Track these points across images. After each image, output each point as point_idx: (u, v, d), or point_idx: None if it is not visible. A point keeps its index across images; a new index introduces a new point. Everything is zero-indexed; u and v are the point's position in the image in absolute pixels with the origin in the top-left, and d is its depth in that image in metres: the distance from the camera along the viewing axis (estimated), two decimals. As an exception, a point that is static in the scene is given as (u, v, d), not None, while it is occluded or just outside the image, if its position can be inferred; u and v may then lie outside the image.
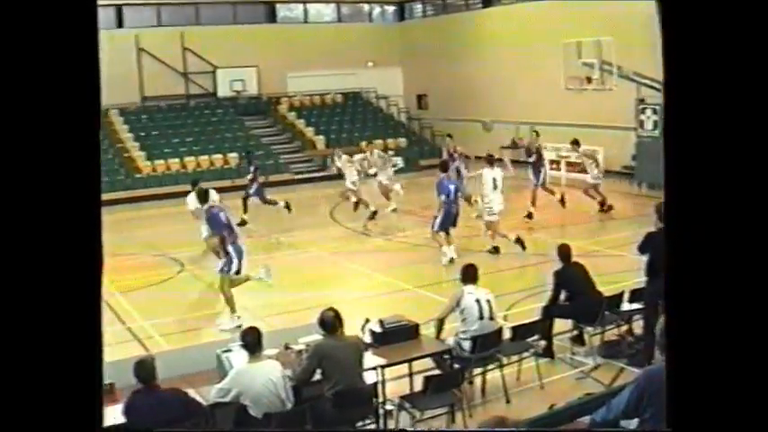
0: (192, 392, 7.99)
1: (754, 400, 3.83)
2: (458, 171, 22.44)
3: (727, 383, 3.85)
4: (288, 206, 24.10)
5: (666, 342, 4.10)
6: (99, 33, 3.88)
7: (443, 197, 17.53)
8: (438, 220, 17.62)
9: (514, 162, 24.03)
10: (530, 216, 21.97)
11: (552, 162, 27.38)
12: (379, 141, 35.57)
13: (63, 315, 3.81)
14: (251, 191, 23.67)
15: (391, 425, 9.03)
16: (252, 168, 24.01)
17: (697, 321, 3.90)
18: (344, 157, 24.53)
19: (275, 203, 24.09)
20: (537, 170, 22.54)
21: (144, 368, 7.68)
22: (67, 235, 3.81)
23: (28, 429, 3.79)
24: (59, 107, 3.77)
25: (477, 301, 10.32)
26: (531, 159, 22.68)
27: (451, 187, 17.74)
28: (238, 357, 8.58)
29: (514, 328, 10.88)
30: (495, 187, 18.23)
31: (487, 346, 10.26)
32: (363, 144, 26.81)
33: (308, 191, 31.02)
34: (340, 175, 24.95)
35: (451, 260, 17.13)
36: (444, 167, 18.85)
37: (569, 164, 27.31)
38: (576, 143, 23.31)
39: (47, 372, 3.80)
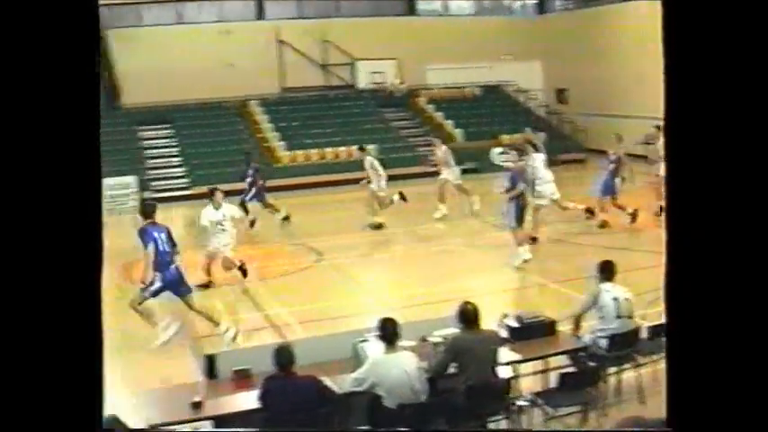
0: (326, 380, 8.05)
1: (754, 399, 3.79)
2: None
3: (727, 383, 3.82)
4: (287, 217, 23.35)
5: (667, 342, 4.08)
6: (99, 34, 3.90)
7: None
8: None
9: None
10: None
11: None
12: (518, 135, 35.26)
13: (63, 315, 3.84)
14: (248, 196, 23.02)
15: (524, 421, 8.94)
16: (251, 171, 23.32)
17: (697, 322, 3.86)
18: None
19: (277, 210, 23.49)
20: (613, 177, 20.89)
21: (283, 355, 7.79)
22: (68, 235, 3.83)
23: (28, 429, 3.85)
24: (60, 107, 3.80)
25: (615, 299, 10.12)
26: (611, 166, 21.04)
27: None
28: (374, 348, 8.62)
29: (652, 328, 10.63)
30: None
31: (624, 345, 10.07)
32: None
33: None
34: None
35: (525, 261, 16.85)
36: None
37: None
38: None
39: (47, 372, 3.83)
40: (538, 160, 18.98)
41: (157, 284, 12.68)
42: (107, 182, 29.77)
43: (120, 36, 35.55)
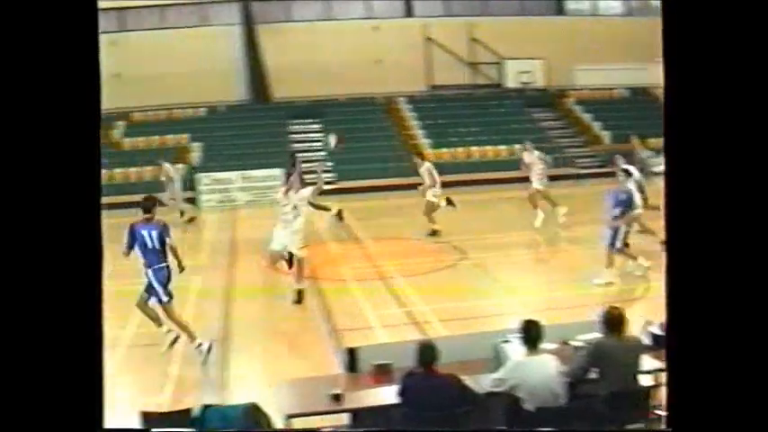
0: (467, 380, 8.08)
1: (754, 400, 3.78)
2: None
3: (728, 383, 3.81)
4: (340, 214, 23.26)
5: (667, 342, 4.07)
6: (98, 35, 3.92)
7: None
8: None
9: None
10: None
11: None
12: (660, 140, 34.56)
13: (63, 315, 3.89)
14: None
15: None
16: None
17: (697, 322, 3.85)
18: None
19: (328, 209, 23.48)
20: None
21: (426, 352, 7.83)
22: (68, 235, 3.87)
23: (29, 429, 3.91)
24: (60, 107, 3.84)
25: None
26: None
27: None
28: (516, 349, 8.60)
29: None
30: None
31: None
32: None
33: (592, 186, 30.60)
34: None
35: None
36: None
37: None
38: None
39: (48, 372, 3.89)
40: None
41: (147, 280, 12.32)
42: (255, 174, 30.46)
43: (269, 31, 36.26)
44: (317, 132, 35.50)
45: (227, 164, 32.33)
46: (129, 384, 11.03)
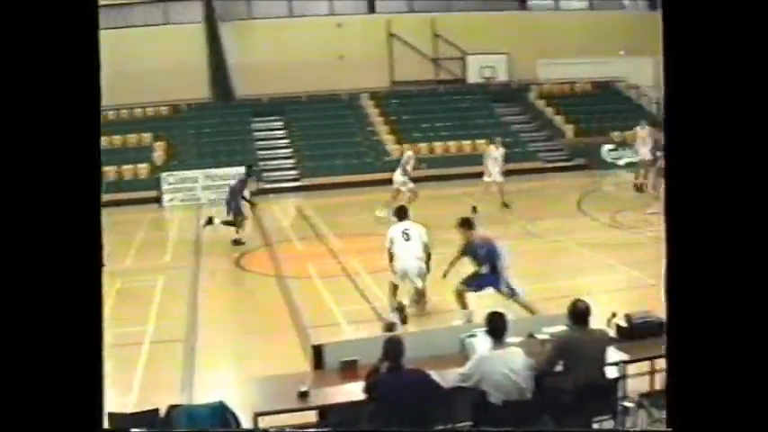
0: (433, 375, 8.09)
1: (754, 400, 3.77)
2: None
3: (728, 383, 3.80)
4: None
5: (667, 343, 4.05)
6: (99, 34, 3.90)
7: None
8: None
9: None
10: None
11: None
12: (630, 133, 34.90)
13: (64, 315, 3.88)
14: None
15: (629, 422, 8.85)
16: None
17: (697, 322, 3.84)
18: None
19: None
20: None
21: (393, 347, 7.84)
22: (68, 235, 3.85)
23: (29, 429, 3.90)
24: (60, 108, 3.82)
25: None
26: None
27: None
28: (482, 343, 8.62)
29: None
30: None
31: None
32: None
33: (557, 180, 30.78)
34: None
35: None
36: None
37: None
38: None
39: (47, 372, 3.86)
40: None
41: None
42: (218, 172, 30.34)
43: (232, 29, 36.14)
44: (280, 130, 35.43)
45: (191, 162, 32.20)
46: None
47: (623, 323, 9.83)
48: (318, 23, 37.38)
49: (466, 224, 13.20)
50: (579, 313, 8.49)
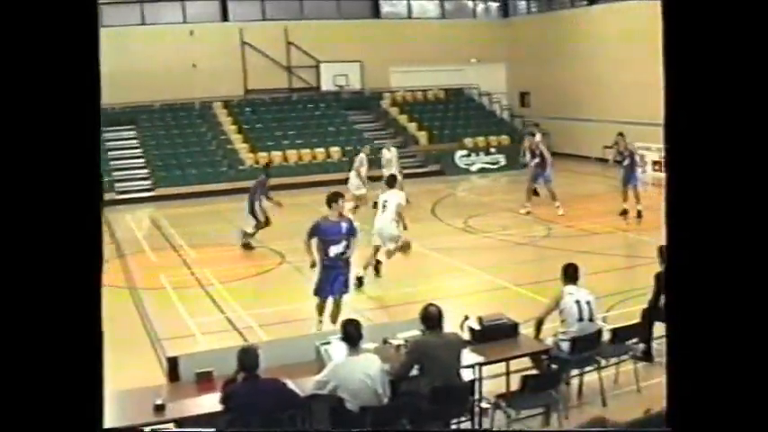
0: (290, 383, 8.05)
1: (754, 400, 3.82)
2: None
3: (728, 383, 3.84)
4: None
5: (667, 343, 4.11)
6: (99, 33, 3.88)
7: None
8: None
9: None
10: (625, 213, 22.48)
11: (655, 163, 27.50)
12: (481, 138, 35.65)
13: (63, 315, 3.83)
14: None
15: (486, 423, 8.98)
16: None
17: (697, 322, 3.89)
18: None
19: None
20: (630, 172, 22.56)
21: (248, 357, 7.77)
22: (68, 235, 3.82)
23: (29, 429, 3.83)
24: (60, 107, 3.79)
25: (578, 302, 10.19)
26: (626, 162, 22.67)
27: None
28: (337, 350, 8.62)
29: (614, 330, 10.71)
30: None
31: (586, 348, 10.14)
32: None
33: (410, 186, 31.01)
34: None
35: None
36: None
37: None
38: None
39: (48, 372, 3.82)
40: None
41: None
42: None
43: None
44: (132, 139, 34.77)
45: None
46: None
47: (476, 326, 9.98)
48: (171, 31, 36.78)
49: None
50: (432, 317, 8.59)
